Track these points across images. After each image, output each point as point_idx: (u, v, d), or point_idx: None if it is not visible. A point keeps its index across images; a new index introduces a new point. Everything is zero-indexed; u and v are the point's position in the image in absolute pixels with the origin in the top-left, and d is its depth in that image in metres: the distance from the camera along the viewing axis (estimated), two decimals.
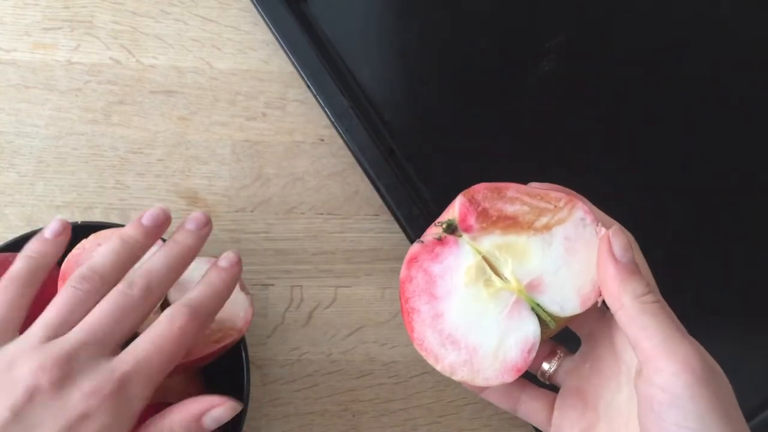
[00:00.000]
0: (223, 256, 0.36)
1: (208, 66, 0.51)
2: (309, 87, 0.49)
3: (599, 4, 0.54)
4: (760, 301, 0.48)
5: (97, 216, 0.48)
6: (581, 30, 0.53)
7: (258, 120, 0.51)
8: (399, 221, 0.47)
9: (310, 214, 0.49)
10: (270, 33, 0.50)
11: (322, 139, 0.50)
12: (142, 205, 0.48)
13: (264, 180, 0.50)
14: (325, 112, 0.48)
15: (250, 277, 0.48)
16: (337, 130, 0.48)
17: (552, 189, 0.30)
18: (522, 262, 0.28)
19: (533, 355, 0.28)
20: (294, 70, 0.49)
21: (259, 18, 0.50)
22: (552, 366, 0.34)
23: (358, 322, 0.47)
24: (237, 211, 0.49)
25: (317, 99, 0.49)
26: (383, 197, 0.47)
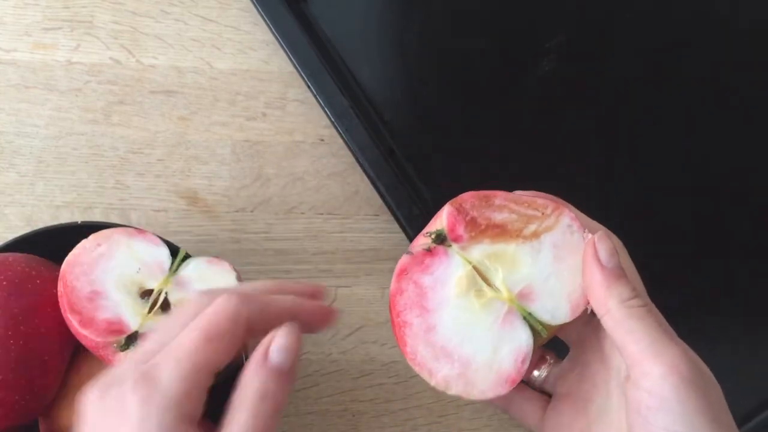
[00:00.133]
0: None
1: (208, 66, 0.51)
2: (309, 87, 0.49)
3: (599, 4, 0.54)
4: (760, 301, 0.48)
5: (97, 216, 0.48)
6: (581, 30, 0.53)
7: (258, 120, 0.51)
8: (399, 221, 0.47)
9: (310, 214, 0.49)
10: (270, 33, 0.50)
11: (322, 139, 0.50)
12: (142, 205, 0.49)
13: (264, 180, 0.50)
14: (325, 112, 0.48)
15: (250, 277, 0.48)
16: (337, 130, 0.48)
17: (537, 196, 0.29)
18: (512, 270, 0.27)
19: (527, 365, 0.28)
20: (294, 70, 0.49)
21: (259, 18, 0.50)
22: (542, 373, 0.34)
23: (358, 322, 0.47)
24: (237, 211, 0.49)
25: (317, 99, 0.49)
26: (383, 197, 0.47)
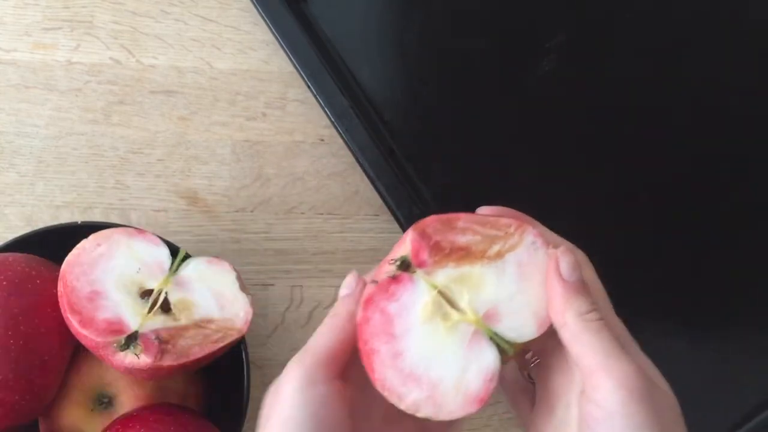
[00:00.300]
0: None
1: (208, 66, 0.51)
2: (309, 87, 0.49)
3: (599, 4, 0.54)
4: (759, 302, 0.48)
5: (97, 216, 0.48)
6: (581, 30, 0.53)
7: (258, 120, 0.51)
8: (399, 221, 0.47)
9: (310, 214, 0.49)
10: (270, 33, 0.50)
11: (322, 139, 0.50)
12: (142, 205, 0.49)
13: (264, 180, 0.50)
14: (325, 112, 0.48)
15: (250, 277, 0.48)
16: (337, 130, 0.48)
17: (502, 213, 0.29)
18: (477, 292, 0.27)
19: (495, 383, 0.27)
20: (294, 70, 0.49)
21: (259, 18, 0.50)
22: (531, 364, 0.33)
23: None
24: (237, 211, 0.49)
25: (317, 99, 0.49)
26: (383, 197, 0.47)
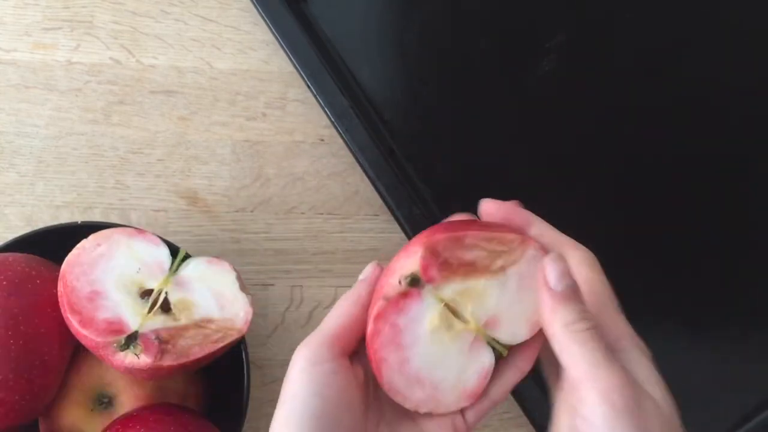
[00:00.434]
0: None
1: (208, 66, 0.51)
2: (309, 87, 0.49)
3: (599, 4, 0.54)
4: (759, 302, 0.48)
5: (97, 216, 0.48)
6: (581, 30, 0.53)
7: (258, 120, 0.51)
8: (399, 221, 0.47)
9: (310, 214, 0.49)
10: (270, 33, 0.50)
11: (322, 139, 0.50)
12: (142, 205, 0.49)
13: (264, 180, 0.50)
14: (325, 112, 0.48)
15: (250, 277, 0.48)
16: (337, 130, 0.48)
17: (506, 219, 0.31)
18: (480, 303, 0.29)
19: (488, 379, 0.30)
20: (294, 70, 0.49)
21: (259, 18, 0.50)
22: None
23: None
24: (237, 211, 0.49)
25: (317, 99, 0.49)
26: (383, 197, 0.47)
